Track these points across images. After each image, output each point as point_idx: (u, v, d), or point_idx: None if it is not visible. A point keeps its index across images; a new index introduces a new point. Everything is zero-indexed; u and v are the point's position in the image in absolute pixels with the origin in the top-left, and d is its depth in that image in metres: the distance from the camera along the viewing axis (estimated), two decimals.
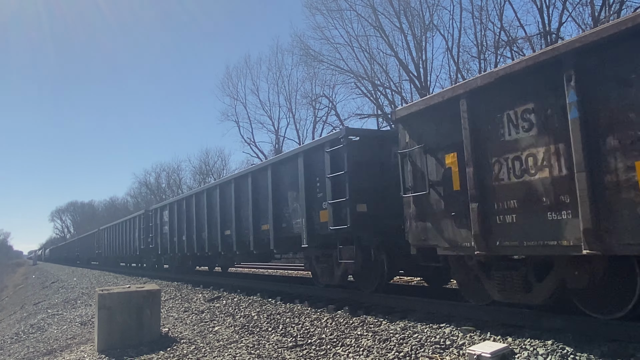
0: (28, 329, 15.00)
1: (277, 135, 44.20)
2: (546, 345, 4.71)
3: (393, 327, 6.44)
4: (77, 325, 12.72)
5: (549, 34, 22.86)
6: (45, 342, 11.80)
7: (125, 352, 8.10)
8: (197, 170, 62.58)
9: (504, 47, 25.19)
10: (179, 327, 9.65)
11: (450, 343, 5.44)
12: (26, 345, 12.40)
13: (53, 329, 13.51)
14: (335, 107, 38.55)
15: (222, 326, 8.88)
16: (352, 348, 6.06)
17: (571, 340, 4.77)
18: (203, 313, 10.48)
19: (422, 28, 28.94)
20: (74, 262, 52.83)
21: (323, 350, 6.24)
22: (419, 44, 29.30)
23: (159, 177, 73.76)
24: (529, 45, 23.39)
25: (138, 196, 79.74)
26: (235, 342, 7.59)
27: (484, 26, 26.14)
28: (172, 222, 18.00)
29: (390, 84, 31.82)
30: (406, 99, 29.40)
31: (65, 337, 11.62)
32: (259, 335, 7.68)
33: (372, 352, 5.74)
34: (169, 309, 12.01)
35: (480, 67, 26.12)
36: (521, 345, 4.86)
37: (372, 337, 6.24)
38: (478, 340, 5.32)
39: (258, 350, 6.84)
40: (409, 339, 5.86)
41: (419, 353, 5.37)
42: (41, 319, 16.18)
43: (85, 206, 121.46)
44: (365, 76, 31.97)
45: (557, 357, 4.37)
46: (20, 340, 13.68)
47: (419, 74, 29.45)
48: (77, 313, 15.10)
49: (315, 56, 34.53)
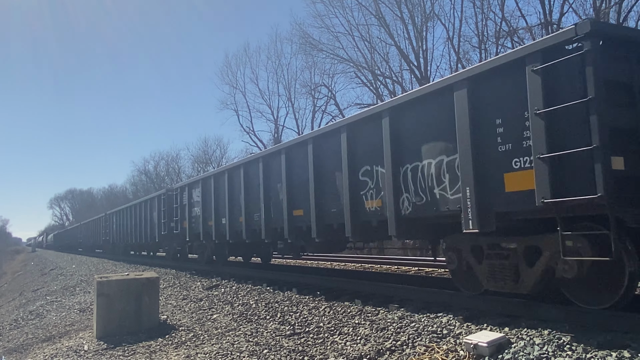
0: (27, 316, 15.06)
1: (277, 124, 44.06)
2: (542, 335, 4.73)
3: (390, 316, 6.47)
4: (76, 312, 12.78)
5: (550, 24, 22.73)
6: (44, 329, 11.85)
7: (123, 338, 8.15)
8: (196, 158, 62.45)
9: (505, 38, 25.06)
10: (178, 315, 9.69)
11: (447, 332, 5.47)
12: (25, 331, 12.45)
13: (52, 316, 13.56)
14: (334, 97, 38.39)
15: (221, 314, 8.92)
16: (350, 336, 6.09)
17: (568, 330, 4.80)
18: (201, 301, 10.52)
19: (422, 17, 28.78)
20: (76, 249, 51.49)
21: (321, 339, 6.27)
22: (420, 33, 29.14)
23: (157, 166, 73.61)
24: (530, 35, 23.27)
25: (138, 184, 79.67)
26: (233, 329, 7.62)
27: (485, 16, 25.99)
28: (206, 202, 14.63)
29: (391, 73, 31.72)
30: (406, 88, 29.28)
31: (64, 323, 11.67)
32: (257, 323, 7.71)
33: (370, 340, 5.77)
34: (168, 296, 12.06)
35: (480, 57, 26.01)
36: (518, 335, 4.88)
37: (369, 326, 6.27)
38: (475, 329, 5.35)
39: (256, 338, 6.87)
40: (406, 328, 5.89)
41: (416, 342, 5.40)
42: (40, 306, 16.25)
43: (84, 194, 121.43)
44: (365, 65, 31.84)
45: (554, 346, 4.39)
46: (19, 326, 13.74)
47: (419, 64, 29.33)
48: (75, 300, 15.16)
49: (315, 45, 34.36)
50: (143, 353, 7.16)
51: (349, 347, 5.73)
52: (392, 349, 5.37)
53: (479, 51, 26.53)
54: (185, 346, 7.20)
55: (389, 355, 5.27)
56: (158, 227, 19.68)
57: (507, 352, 4.51)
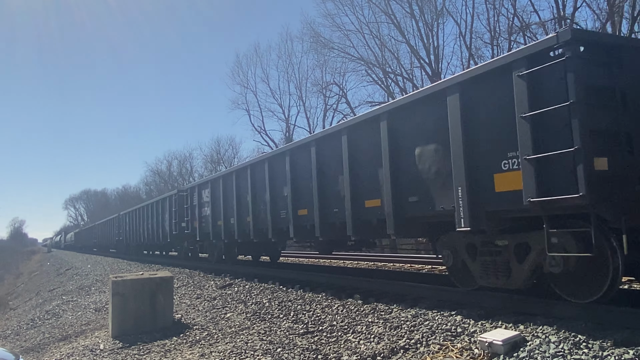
0: (43, 315, 15.27)
1: (288, 123, 44.21)
2: (558, 333, 4.68)
3: (404, 315, 6.45)
4: (92, 312, 12.92)
5: (563, 19, 22.48)
6: (60, 328, 12.01)
7: (138, 337, 8.22)
8: (208, 158, 62.84)
9: (517, 33, 24.85)
10: (192, 314, 9.75)
11: (462, 330, 5.44)
12: (42, 331, 12.63)
13: (68, 315, 13.73)
14: (345, 95, 38.45)
15: (234, 313, 8.95)
16: (363, 335, 6.08)
17: (584, 328, 4.74)
18: (215, 300, 10.57)
19: (433, 14, 28.64)
20: (90, 249, 51.81)
21: (334, 337, 6.27)
22: (431, 30, 29.02)
23: (170, 166, 74.18)
24: (543, 30, 23.04)
25: (151, 184, 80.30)
26: (247, 328, 7.65)
27: (497, 11, 25.83)
28: (215, 202, 14.85)
29: (402, 71, 31.62)
30: (417, 85, 29.16)
31: (80, 323, 11.81)
32: (270, 322, 7.73)
33: (383, 339, 5.76)
34: (182, 295, 12.14)
35: (493, 53, 25.80)
36: (533, 333, 4.84)
37: (383, 325, 6.26)
38: (490, 327, 5.31)
39: (270, 336, 6.89)
40: (420, 326, 5.87)
41: (430, 340, 5.38)
42: (56, 305, 16.46)
43: (98, 194, 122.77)
44: (376, 63, 31.81)
45: (570, 344, 4.35)
46: (35, 326, 13.94)
47: (430, 61, 29.20)
48: (91, 299, 15.33)
49: (326, 43, 34.43)
50: (158, 352, 7.22)
51: (362, 346, 5.72)
52: (406, 348, 5.36)
53: (491, 47, 26.36)
54: (200, 345, 7.24)
55: (403, 353, 5.25)
56: (169, 227, 20.06)
57: (523, 350, 4.46)
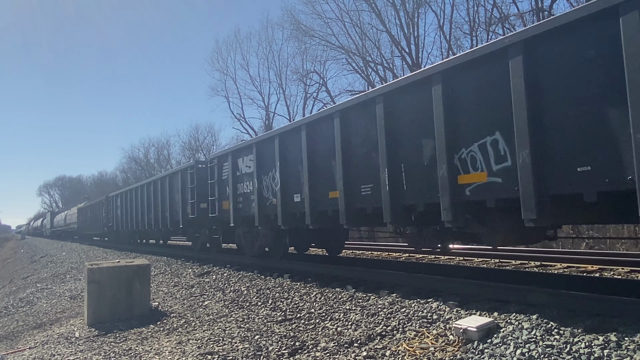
0: (17, 303, 15.00)
1: (267, 111, 43.87)
2: (531, 319, 4.79)
3: (381, 302, 6.52)
4: (67, 299, 12.74)
5: (541, 10, 22.71)
6: (35, 316, 11.82)
7: (115, 325, 8.15)
8: (186, 145, 62.17)
9: (496, 24, 25.02)
10: (169, 302, 9.70)
11: (437, 317, 5.52)
12: (15, 318, 12.41)
13: (42, 303, 13.52)
14: (326, 84, 38.36)
15: (212, 300, 8.93)
16: (341, 322, 6.13)
17: (556, 315, 4.86)
18: (193, 288, 10.52)
19: (414, 3, 28.63)
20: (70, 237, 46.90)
21: (312, 324, 6.31)
22: (411, 19, 29.02)
23: (147, 153, 73.25)
24: (522, 22, 23.24)
25: (127, 171, 79.19)
26: (225, 316, 7.64)
27: (477, 2, 25.92)
28: (264, 172, 10.62)
29: (382, 60, 31.61)
30: (397, 75, 29.22)
31: (55, 310, 11.64)
32: (248, 310, 7.74)
33: (361, 326, 5.81)
34: (159, 283, 12.05)
35: (472, 44, 25.96)
36: (506, 320, 4.94)
37: (360, 312, 6.32)
38: (464, 314, 5.40)
39: (247, 324, 6.89)
40: (396, 313, 5.94)
41: (406, 327, 5.45)
42: (30, 293, 16.18)
43: (73, 181, 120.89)
44: (357, 52, 31.73)
45: (542, 331, 4.45)
46: (9, 313, 13.69)
47: (410, 50, 29.24)
48: (66, 287, 15.11)
49: (306, 31, 34.17)
50: (134, 339, 7.16)
51: (339, 333, 5.77)
52: (382, 334, 5.42)
53: (470, 38, 26.50)
54: (177, 332, 7.21)
55: (380, 340, 5.31)
56: (183, 209, 15.70)
57: (496, 337, 4.56)
